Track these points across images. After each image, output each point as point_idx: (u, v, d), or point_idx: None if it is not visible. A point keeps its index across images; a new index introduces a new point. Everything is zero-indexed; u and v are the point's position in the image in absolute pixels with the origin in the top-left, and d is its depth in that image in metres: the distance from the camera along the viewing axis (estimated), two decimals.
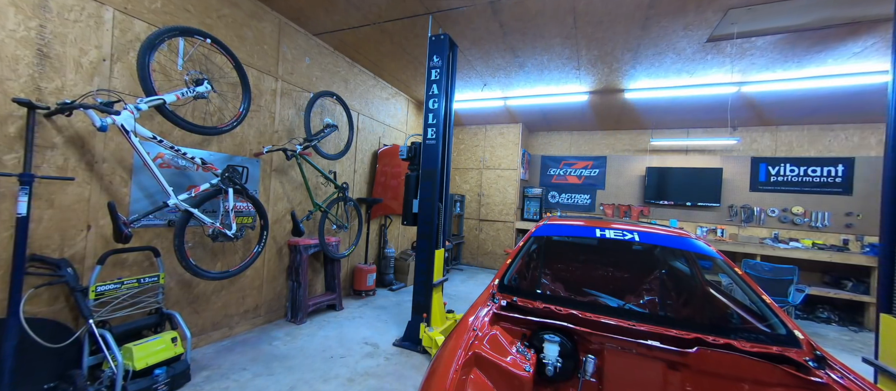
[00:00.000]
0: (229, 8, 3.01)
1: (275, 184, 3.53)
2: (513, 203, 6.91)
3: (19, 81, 1.95)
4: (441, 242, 3.43)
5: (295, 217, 3.54)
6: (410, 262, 5.35)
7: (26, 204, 1.85)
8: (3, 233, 1.92)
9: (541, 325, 1.63)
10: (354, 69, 4.59)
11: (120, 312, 2.26)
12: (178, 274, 2.71)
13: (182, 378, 2.36)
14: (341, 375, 2.66)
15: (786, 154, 5.84)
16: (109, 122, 2.03)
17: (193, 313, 2.88)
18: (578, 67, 4.25)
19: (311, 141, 3.59)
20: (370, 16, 3.41)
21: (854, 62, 3.64)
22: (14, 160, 1.94)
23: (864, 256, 4.81)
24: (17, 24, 1.93)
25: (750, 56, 3.68)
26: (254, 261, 2.97)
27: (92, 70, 2.22)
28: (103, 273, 2.22)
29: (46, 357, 1.95)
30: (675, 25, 3.20)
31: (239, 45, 3.08)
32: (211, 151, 2.93)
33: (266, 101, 3.39)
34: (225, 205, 2.68)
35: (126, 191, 2.42)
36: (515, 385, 1.31)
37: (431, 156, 3.30)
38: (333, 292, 4.10)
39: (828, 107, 4.84)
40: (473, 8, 3.14)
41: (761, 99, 4.73)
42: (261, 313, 3.48)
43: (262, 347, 3.02)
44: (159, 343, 2.29)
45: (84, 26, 2.18)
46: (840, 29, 3.10)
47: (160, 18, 2.55)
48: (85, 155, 2.22)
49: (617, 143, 7.02)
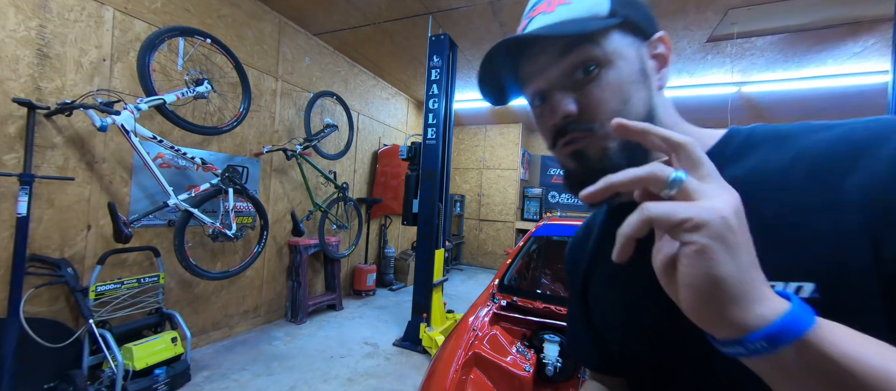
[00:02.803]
0: (229, 8, 3.01)
1: (275, 184, 3.54)
2: (513, 203, 6.91)
3: (19, 81, 1.95)
4: (441, 242, 3.43)
5: (295, 217, 3.54)
6: (410, 262, 5.34)
7: (26, 204, 1.85)
8: (4, 233, 1.92)
9: (541, 325, 1.63)
10: (354, 69, 4.59)
11: (120, 312, 2.26)
12: (179, 274, 2.70)
13: (182, 378, 2.36)
14: (341, 375, 2.66)
15: None
16: (109, 122, 2.03)
17: (193, 313, 2.87)
18: None
19: (311, 141, 3.59)
20: (370, 16, 3.41)
21: (854, 62, 3.64)
22: (14, 160, 1.94)
23: None
24: (17, 24, 1.93)
25: (750, 56, 3.68)
26: (254, 261, 2.97)
27: (92, 70, 2.22)
28: (103, 273, 2.22)
29: (46, 357, 1.95)
30: (675, 25, 3.20)
31: (239, 45, 3.08)
32: (211, 151, 2.93)
33: (266, 101, 3.39)
34: (225, 205, 2.68)
35: (126, 191, 2.42)
36: (515, 385, 1.31)
37: (431, 156, 3.29)
38: (333, 292, 4.10)
39: (828, 107, 4.84)
40: (473, 8, 3.14)
41: (761, 99, 4.73)
42: (261, 313, 3.48)
43: (262, 347, 3.02)
44: (159, 343, 2.29)
45: (84, 26, 2.18)
46: (840, 29, 3.10)
47: (160, 18, 2.55)
48: (85, 155, 2.22)
49: None
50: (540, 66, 0.44)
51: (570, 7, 0.42)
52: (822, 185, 0.35)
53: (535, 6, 0.46)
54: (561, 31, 0.40)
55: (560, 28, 0.40)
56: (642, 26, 0.45)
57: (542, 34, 0.40)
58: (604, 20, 0.42)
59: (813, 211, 0.35)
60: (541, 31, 0.41)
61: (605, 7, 0.42)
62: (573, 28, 0.40)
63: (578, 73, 0.42)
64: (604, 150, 0.42)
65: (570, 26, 0.40)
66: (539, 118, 0.47)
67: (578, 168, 0.44)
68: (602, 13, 0.42)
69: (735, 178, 0.35)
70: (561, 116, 0.42)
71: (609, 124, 0.37)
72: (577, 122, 0.42)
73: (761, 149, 0.41)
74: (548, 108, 0.44)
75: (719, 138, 0.45)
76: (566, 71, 0.42)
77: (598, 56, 0.41)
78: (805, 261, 0.34)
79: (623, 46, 0.43)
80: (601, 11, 0.42)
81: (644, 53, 0.45)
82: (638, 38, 0.45)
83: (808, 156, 0.37)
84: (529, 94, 0.47)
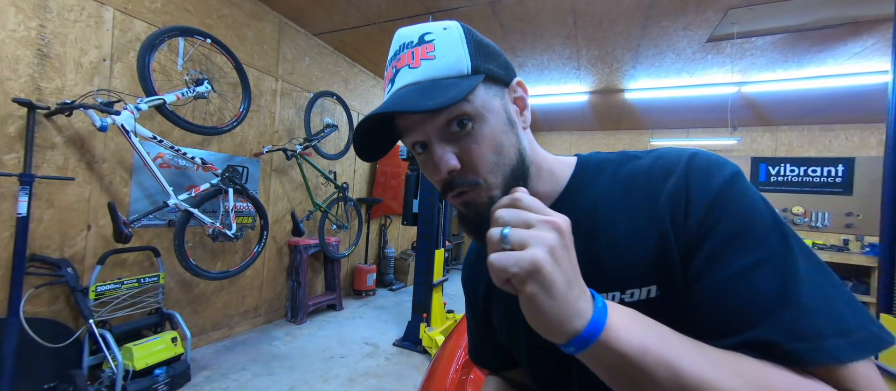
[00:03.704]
0: (229, 8, 3.01)
1: (275, 184, 3.53)
2: None
3: (19, 81, 1.95)
4: (441, 242, 3.43)
5: (295, 217, 3.54)
6: (410, 262, 5.34)
7: (26, 204, 1.85)
8: (4, 233, 1.92)
9: None
10: (354, 69, 4.59)
11: (120, 312, 2.26)
12: (179, 274, 2.70)
13: (182, 378, 2.36)
14: (341, 375, 2.66)
15: (786, 154, 5.84)
16: (109, 122, 2.03)
17: (193, 313, 2.87)
18: (578, 67, 4.25)
19: (311, 141, 3.59)
20: (370, 16, 3.41)
21: (854, 62, 3.64)
22: (14, 160, 1.94)
23: (864, 256, 4.81)
24: (17, 24, 1.93)
25: (750, 56, 3.68)
26: (254, 261, 2.97)
27: (92, 70, 2.22)
28: (103, 273, 2.22)
29: (46, 357, 1.95)
30: (675, 25, 3.20)
31: (239, 46, 3.08)
32: (211, 151, 2.93)
33: (266, 101, 3.39)
34: (225, 205, 2.68)
35: (126, 191, 2.42)
36: None
37: None
38: (333, 292, 4.10)
39: (828, 107, 4.84)
40: (473, 8, 3.14)
41: (761, 99, 4.73)
42: (261, 313, 3.48)
43: (262, 347, 3.02)
44: (159, 343, 2.29)
45: (84, 26, 2.18)
46: (840, 29, 3.10)
47: (160, 18, 2.55)
48: (85, 155, 2.22)
49: (617, 143, 7.01)
50: (413, 121, 0.46)
51: (434, 64, 0.45)
52: (647, 198, 0.46)
53: (398, 55, 0.47)
54: (436, 105, 0.40)
55: (432, 98, 0.41)
56: (501, 77, 0.48)
57: (417, 110, 0.41)
58: (468, 79, 0.44)
59: (643, 227, 0.45)
60: (414, 106, 0.41)
61: (467, 65, 0.45)
62: (444, 99, 0.41)
63: (454, 126, 0.45)
64: (490, 198, 0.46)
65: (441, 94, 0.42)
66: (424, 166, 0.49)
67: (470, 213, 0.48)
68: (465, 71, 0.45)
69: (584, 211, 0.49)
70: (446, 172, 0.45)
71: (490, 177, 0.45)
72: (462, 175, 0.46)
73: (599, 178, 0.51)
74: (430, 161, 0.47)
75: (574, 169, 0.54)
76: (442, 126, 0.45)
77: (470, 112, 0.44)
78: (646, 269, 0.44)
79: (488, 99, 0.46)
80: (464, 70, 0.45)
81: (507, 101, 0.49)
82: (500, 86, 0.48)
83: (636, 181, 0.48)
84: (408, 143, 0.48)
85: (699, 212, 0.41)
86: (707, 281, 0.40)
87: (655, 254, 0.43)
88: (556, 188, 0.53)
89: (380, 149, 0.52)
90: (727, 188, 0.41)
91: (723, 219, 0.40)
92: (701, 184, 0.42)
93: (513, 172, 0.47)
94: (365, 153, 0.51)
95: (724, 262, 0.39)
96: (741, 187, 0.41)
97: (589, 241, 0.48)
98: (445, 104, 0.40)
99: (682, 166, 0.45)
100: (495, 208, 0.40)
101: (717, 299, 0.39)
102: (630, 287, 0.45)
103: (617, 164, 0.51)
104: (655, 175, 0.46)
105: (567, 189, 0.53)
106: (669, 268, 0.42)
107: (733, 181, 0.42)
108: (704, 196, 0.42)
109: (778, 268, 0.37)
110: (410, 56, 0.46)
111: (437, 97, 0.41)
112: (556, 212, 0.38)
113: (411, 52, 0.46)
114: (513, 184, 0.46)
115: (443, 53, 0.45)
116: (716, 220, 0.40)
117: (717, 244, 0.40)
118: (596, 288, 0.44)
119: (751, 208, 0.40)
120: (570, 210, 0.48)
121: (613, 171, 0.51)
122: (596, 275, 0.46)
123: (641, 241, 0.45)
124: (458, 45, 0.46)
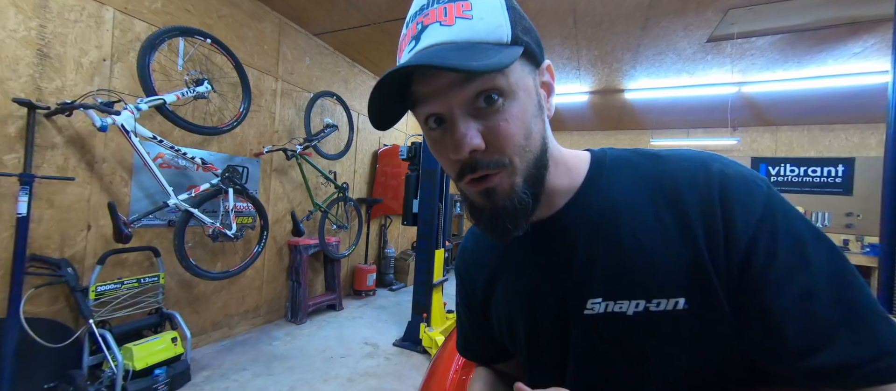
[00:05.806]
0: (229, 8, 3.01)
1: (275, 184, 3.53)
2: None
3: (19, 81, 1.95)
4: (441, 242, 3.43)
5: (295, 217, 3.54)
6: (410, 262, 5.34)
7: (26, 204, 1.85)
8: (4, 233, 1.92)
9: None
10: (354, 69, 4.59)
11: (120, 312, 2.26)
12: (179, 274, 2.70)
13: (182, 378, 2.36)
14: (341, 375, 2.66)
15: (786, 154, 5.84)
16: (110, 122, 2.03)
17: (193, 313, 2.87)
18: (578, 67, 4.25)
19: (311, 141, 3.59)
20: (370, 16, 3.41)
21: (854, 62, 3.64)
22: (14, 160, 1.94)
23: (865, 256, 4.80)
24: (17, 24, 1.93)
25: (750, 56, 3.68)
26: (254, 262, 2.97)
27: (92, 70, 2.22)
28: (103, 273, 2.22)
29: (46, 357, 1.95)
30: (675, 26, 3.20)
31: (239, 46, 3.08)
32: (211, 151, 2.93)
33: (266, 101, 3.39)
34: (225, 205, 2.68)
35: (126, 191, 2.42)
36: None
37: (431, 156, 3.30)
38: (333, 292, 4.10)
39: (828, 107, 4.84)
40: None
41: (761, 99, 4.73)
42: (261, 313, 3.48)
43: (262, 347, 3.02)
44: (159, 343, 2.29)
45: (84, 26, 2.18)
46: (840, 29, 3.10)
47: (160, 18, 2.55)
48: (85, 155, 2.22)
49: (617, 143, 7.02)
50: (437, 88, 0.39)
51: (471, 24, 0.39)
52: (674, 205, 0.44)
53: (426, 9, 0.41)
54: (481, 67, 0.35)
55: (470, 59, 0.36)
56: (536, 55, 0.44)
57: (462, 67, 0.34)
58: (508, 48, 0.39)
59: (673, 236, 0.43)
60: (457, 63, 0.35)
61: (508, 33, 0.39)
62: (489, 62, 0.35)
63: (481, 101, 0.39)
64: (512, 187, 0.42)
65: (480, 57, 0.36)
66: (437, 143, 0.43)
67: (487, 204, 0.43)
68: (505, 39, 0.39)
69: (604, 208, 0.46)
70: (468, 151, 0.39)
71: (517, 160, 0.41)
72: (487, 155, 0.40)
73: (620, 176, 0.48)
74: (449, 138, 0.41)
75: (589, 165, 0.51)
76: (470, 98, 0.39)
77: (504, 87, 0.39)
78: (675, 281, 0.42)
79: (523, 76, 0.42)
80: (504, 37, 0.39)
81: (538, 83, 0.45)
82: (533, 66, 0.44)
83: (662, 185, 0.45)
84: (422, 115, 0.42)
85: (745, 234, 0.40)
86: (767, 303, 0.39)
87: (687, 267, 0.42)
88: (573, 184, 0.49)
89: (391, 116, 0.45)
90: (769, 206, 0.41)
91: (771, 241, 0.40)
92: (742, 204, 0.41)
93: (536, 162, 0.43)
94: (377, 118, 0.44)
95: (783, 284, 0.39)
96: (780, 204, 0.41)
97: (610, 241, 0.45)
98: (492, 68, 0.35)
99: (714, 180, 0.43)
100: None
101: (783, 321, 0.38)
102: (657, 297, 0.43)
103: (637, 163, 0.49)
104: (682, 183, 0.44)
105: (585, 185, 0.49)
106: (703, 284, 0.41)
107: (771, 198, 0.41)
108: (748, 218, 0.40)
109: (835, 285, 0.38)
110: (442, 12, 0.39)
111: (480, 60, 0.36)
112: (574, 208, 0.38)
113: (444, 7, 0.39)
114: (535, 174, 0.43)
115: (481, 15, 0.39)
116: (765, 244, 0.40)
117: (770, 267, 0.39)
118: (619, 290, 0.44)
119: (796, 228, 0.40)
120: (589, 207, 0.47)
121: (635, 170, 0.48)
122: (619, 278, 0.44)
123: (672, 252, 0.43)
124: (498, 9, 0.40)
